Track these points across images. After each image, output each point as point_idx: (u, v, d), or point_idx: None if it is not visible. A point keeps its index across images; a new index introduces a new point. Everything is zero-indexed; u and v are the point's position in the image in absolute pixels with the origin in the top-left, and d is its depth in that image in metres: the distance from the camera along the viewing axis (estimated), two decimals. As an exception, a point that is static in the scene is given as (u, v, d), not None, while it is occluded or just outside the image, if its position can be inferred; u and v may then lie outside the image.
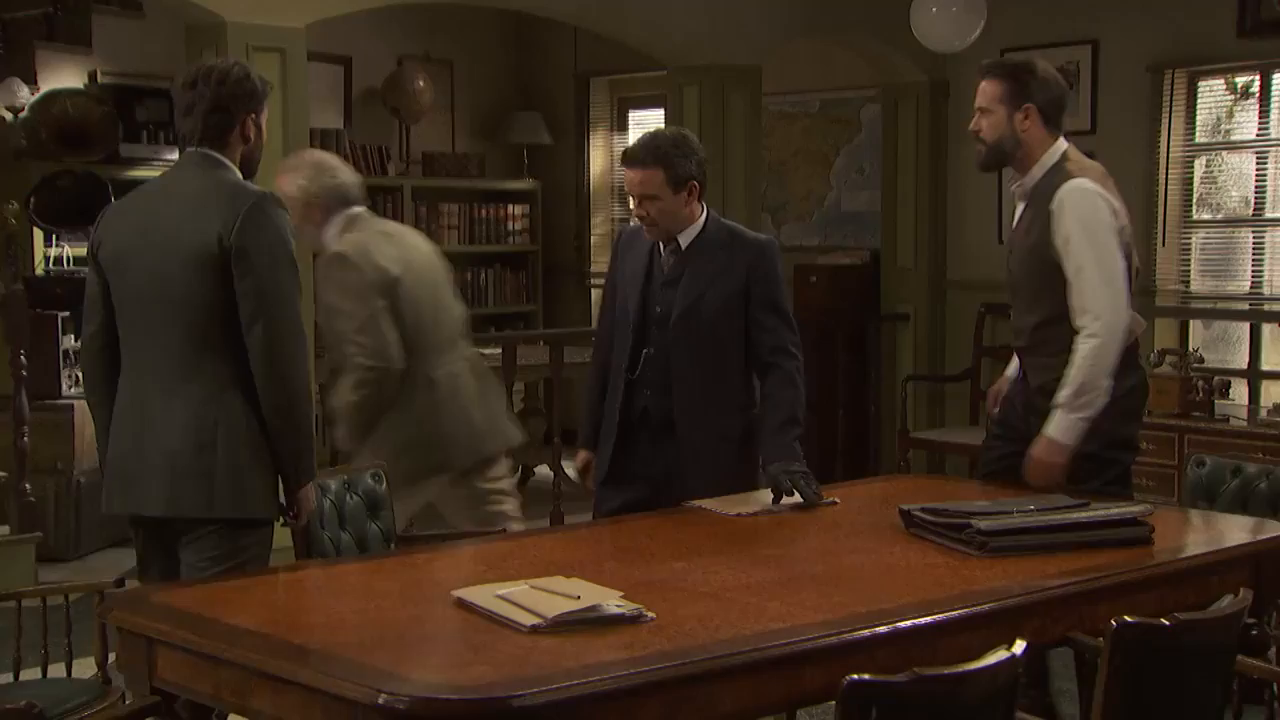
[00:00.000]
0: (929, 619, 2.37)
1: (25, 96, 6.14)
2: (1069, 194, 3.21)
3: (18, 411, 5.10)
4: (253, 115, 2.93)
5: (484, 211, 8.19)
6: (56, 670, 3.15)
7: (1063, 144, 3.32)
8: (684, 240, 3.35)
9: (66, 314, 5.74)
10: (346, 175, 3.87)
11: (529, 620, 2.32)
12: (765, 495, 3.33)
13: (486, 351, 6.39)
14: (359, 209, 3.84)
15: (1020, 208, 3.38)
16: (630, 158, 3.31)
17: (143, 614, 2.39)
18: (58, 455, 5.53)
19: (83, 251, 6.17)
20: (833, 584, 2.60)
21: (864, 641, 2.28)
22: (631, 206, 3.40)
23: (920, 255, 6.96)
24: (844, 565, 2.75)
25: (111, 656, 2.81)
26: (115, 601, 2.45)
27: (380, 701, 2.00)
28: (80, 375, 3.12)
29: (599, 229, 8.46)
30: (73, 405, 5.68)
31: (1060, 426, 3.22)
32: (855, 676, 1.90)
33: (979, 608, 2.44)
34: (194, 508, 2.85)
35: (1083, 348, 3.20)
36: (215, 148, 2.89)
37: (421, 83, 7.76)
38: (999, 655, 2.00)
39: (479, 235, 8.20)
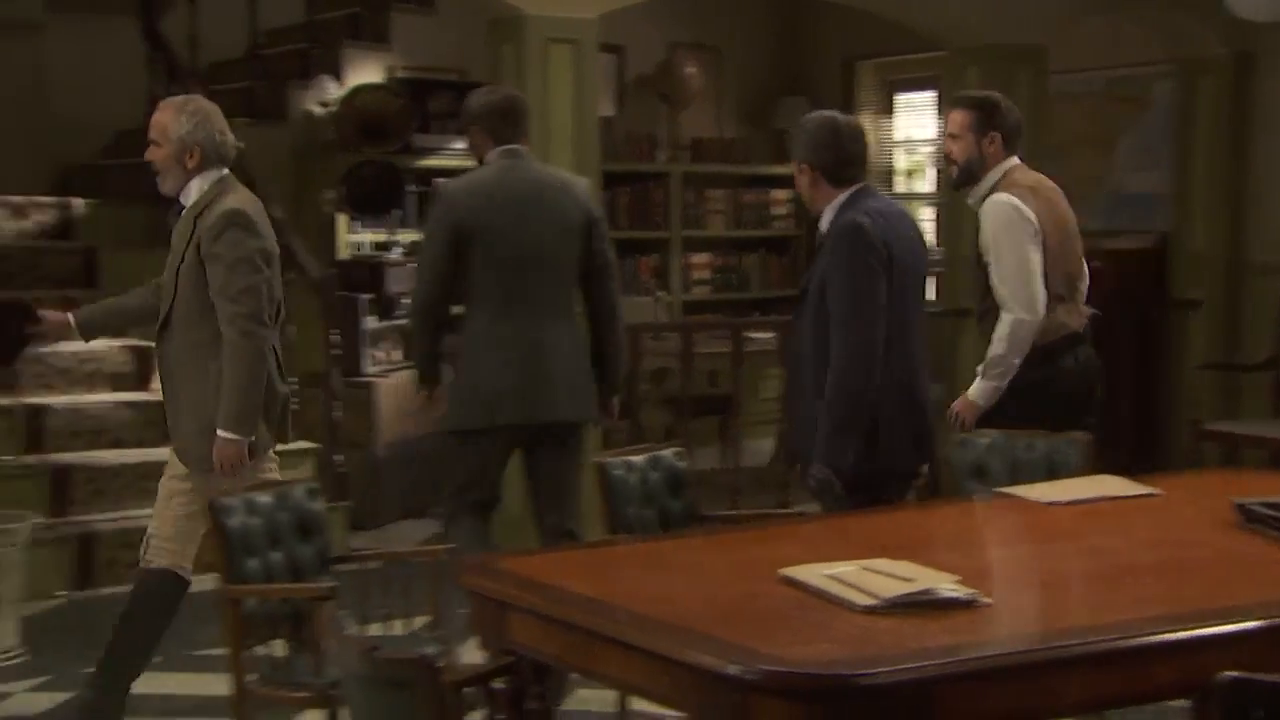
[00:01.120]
0: (1292, 617, 2.25)
1: (333, 92, 6.56)
2: (989, 205, 3.86)
3: (329, 387, 5.44)
4: None
5: (749, 196, 8.24)
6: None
7: (1012, 162, 3.90)
8: (822, 226, 3.44)
9: (370, 296, 6.10)
10: (231, 136, 3.74)
11: (863, 600, 2.33)
12: (1079, 484, 3.24)
13: (755, 335, 6.46)
14: (227, 171, 3.69)
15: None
16: None
17: (495, 579, 2.53)
18: (360, 430, 5.87)
19: (380, 237, 6.56)
20: (1172, 576, 2.51)
21: (1223, 638, 2.19)
22: None
23: (1217, 238, 6.59)
24: (1180, 558, 2.65)
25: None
26: (469, 567, 2.60)
27: (731, 672, 2.06)
28: (416, 321, 3.91)
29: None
30: (372, 383, 6.03)
31: (976, 389, 3.89)
32: (1234, 674, 1.83)
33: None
34: (586, 412, 3.94)
35: (999, 328, 3.83)
36: (522, 145, 3.90)
37: (691, 70, 7.85)
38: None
39: (744, 220, 8.25)
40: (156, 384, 3.96)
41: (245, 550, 3.01)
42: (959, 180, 3.94)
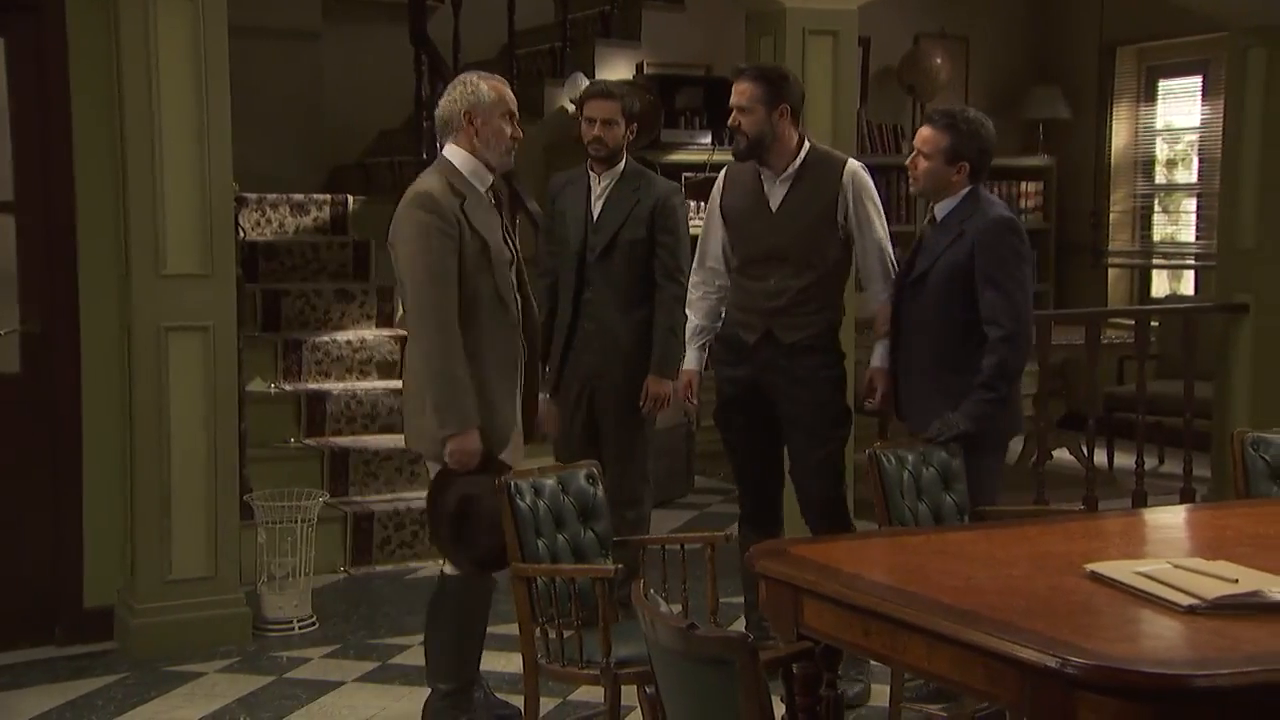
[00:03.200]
0: None
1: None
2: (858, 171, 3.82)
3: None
4: None
5: (996, 189, 8.00)
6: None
7: (807, 145, 3.83)
8: (939, 214, 3.68)
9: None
10: None
11: (1185, 600, 2.24)
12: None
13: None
14: None
15: (784, 189, 3.80)
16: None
17: (791, 565, 2.53)
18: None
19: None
20: None
21: None
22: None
23: None
24: None
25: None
26: (761, 552, 2.60)
27: (1054, 665, 2.00)
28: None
29: (1119, 205, 8.03)
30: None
31: None
32: None
33: None
34: None
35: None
36: None
37: (939, 59, 7.69)
38: None
39: (991, 213, 8.02)
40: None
41: (533, 531, 3.10)
42: (746, 153, 3.80)
